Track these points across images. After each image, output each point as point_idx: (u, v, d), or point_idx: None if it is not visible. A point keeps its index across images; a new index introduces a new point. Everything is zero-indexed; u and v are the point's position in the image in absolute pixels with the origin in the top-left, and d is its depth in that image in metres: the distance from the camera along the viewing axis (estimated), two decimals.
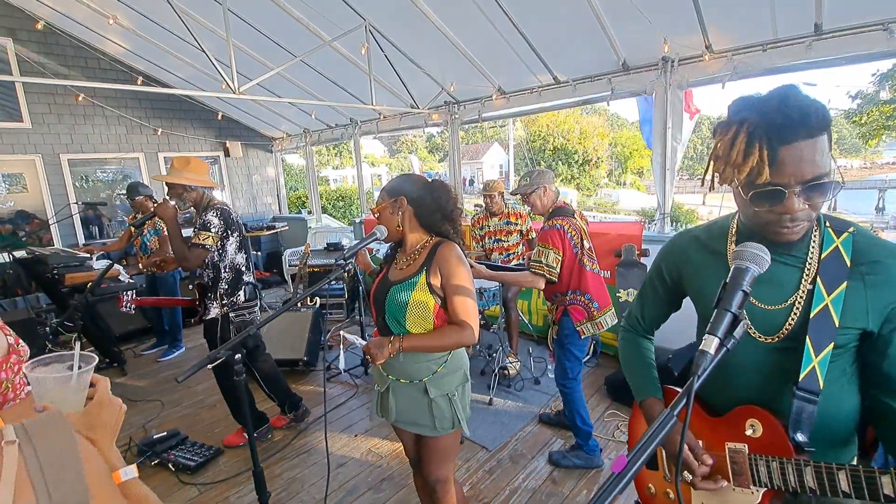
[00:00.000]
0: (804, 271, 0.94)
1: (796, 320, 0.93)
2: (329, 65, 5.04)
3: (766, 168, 0.83)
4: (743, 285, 0.75)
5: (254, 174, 8.22)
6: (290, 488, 2.60)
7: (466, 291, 1.59)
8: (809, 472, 0.84)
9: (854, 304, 0.89)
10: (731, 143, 0.87)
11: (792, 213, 0.85)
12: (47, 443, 0.58)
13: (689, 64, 3.46)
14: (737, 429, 0.97)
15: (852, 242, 0.92)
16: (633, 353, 1.29)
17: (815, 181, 0.82)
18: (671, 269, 1.17)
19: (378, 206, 1.65)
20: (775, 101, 0.83)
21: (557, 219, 2.47)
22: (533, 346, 4.20)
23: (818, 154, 0.82)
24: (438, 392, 1.63)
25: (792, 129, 0.81)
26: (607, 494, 0.60)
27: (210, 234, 2.61)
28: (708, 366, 0.68)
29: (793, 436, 0.89)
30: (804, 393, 0.90)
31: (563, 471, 2.62)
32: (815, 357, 0.90)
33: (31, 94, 5.83)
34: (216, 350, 1.22)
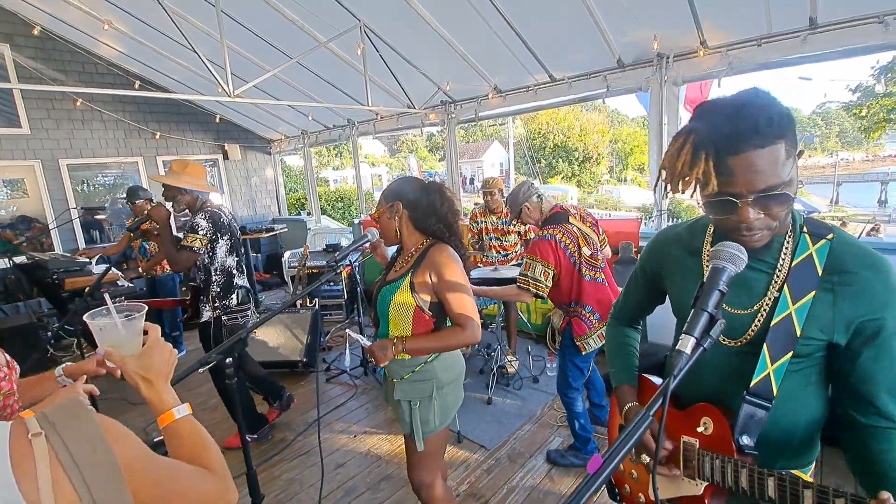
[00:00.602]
0: (773, 277, 0.93)
1: (759, 326, 0.93)
2: (325, 66, 5.04)
3: (714, 179, 0.82)
4: (719, 285, 0.75)
5: (252, 176, 8.24)
6: (288, 489, 2.61)
7: (462, 288, 1.59)
8: (745, 473, 0.86)
9: (820, 315, 0.88)
10: (678, 153, 0.86)
11: (747, 222, 0.83)
12: (73, 431, 0.57)
13: (684, 60, 3.45)
14: (692, 424, 1.00)
15: (829, 250, 0.90)
16: (615, 341, 1.33)
17: (768, 191, 0.80)
18: (651, 264, 1.18)
19: (377, 211, 1.67)
20: (728, 110, 0.81)
21: (548, 228, 2.38)
22: (532, 345, 4.20)
23: (771, 164, 0.79)
24: (402, 396, 1.66)
25: (741, 138, 0.79)
26: (584, 493, 0.60)
27: (197, 237, 2.61)
28: (684, 366, 0.68)
29: (737, 438, 0.90)
30: (754, 398, 0.91)
31: (561, 469, 2.63)
32: (771, 364, 0.90)
33: (29, 100, 5.86)
34: (207, 354, 1.23)
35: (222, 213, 2.79)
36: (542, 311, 4.42)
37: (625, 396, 1.19)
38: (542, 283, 2.32)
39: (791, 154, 0.82)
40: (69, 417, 0.58)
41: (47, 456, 0.54)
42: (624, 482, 1.25)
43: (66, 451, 0.55)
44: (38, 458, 0.53)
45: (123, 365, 0.86)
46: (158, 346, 0.90)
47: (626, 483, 1.24)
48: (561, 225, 2.38)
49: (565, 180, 26.63)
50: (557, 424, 3.06)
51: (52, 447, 0.55)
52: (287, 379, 3.95)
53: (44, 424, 0.56)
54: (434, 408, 1.65)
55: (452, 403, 1.72)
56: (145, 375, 0.86)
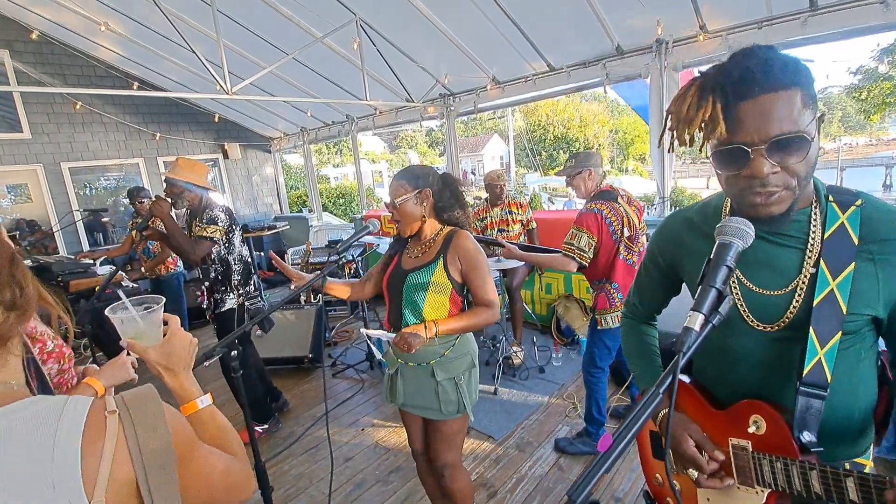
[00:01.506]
0: (806, 253, 0.85)
1: (798, 307, 0.85)
2: (322, 62, 5.02)
3: (722, 122, 0.76)
4: (727, 260, 0.72)
5: (253, 175, 8.25)
6: (298, 484, 2.63)
7: (487, 272, 1.67)
8: (815, 475, 0.76)
9: (864, 287, 0.81)
10: (684, 95, 0.81)
11: (760, 175, 0.76)
12: (143, 414, 0.61)
13: (684, 45, 3.42)
14: (740, 424, 0.90)
15: (860, 217, 0.83)
16: (633, 341, 1.24)
17: (780, 137, 0.74)
18: (665, 253, 1.10)
19: (401, 198, 1.63)
20: (738, 57, 0.77)
21: (597, 202, 2.39)
22: (537, 336, 4.21)
23: (787, 109, 0.73)
24: (445, 375, 1.67)
25: (751, 82, 0.74)
26: (594, 473, 0.60)
27: (218, 228, 2.75)
28: (693, 342, 0.67)
29: (798, 435, 0.81)
30: (809, 388, 0.82)
31: (570, 458, 2.63)
32: (821, 349, 0.82)
33: (29, 105, 5.88)
34: (212, 347, 1.23)
35: (230, 208, 2.95)
36: (547, 302, 4.41)
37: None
38: (586, 253, 2.35)
39: (809, 105, 0.75)
40: (142, 401, 0.62)
41: (116, 434, 0.57)
42: (665, 495, 1.16)
43: (134, 432, 0.58)
44: (108, 434, 0.57)
45: (146, 355, 0.88)
46: (178, 335, 0.92)
47: (668, 496, 1.15)
48: (609, 202, 2.40)
49: None
50: (565, 414, 3.06)
51: (123, 427, 0.58)
52: (293, 375, 3.97)
53: (119, 404, 0.60)
54: (473, 380, 1.74)
55: (476, 381, 1.80)
56: (167, 365, 0.89)
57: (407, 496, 2.45)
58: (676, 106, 0.82)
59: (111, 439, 0.57)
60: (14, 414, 0.56)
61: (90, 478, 0.54)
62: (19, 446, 0.53)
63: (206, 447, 0.75)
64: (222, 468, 0.75)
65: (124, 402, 0.61)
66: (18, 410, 0.56)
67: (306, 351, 3.97)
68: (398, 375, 1.77)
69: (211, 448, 0.76)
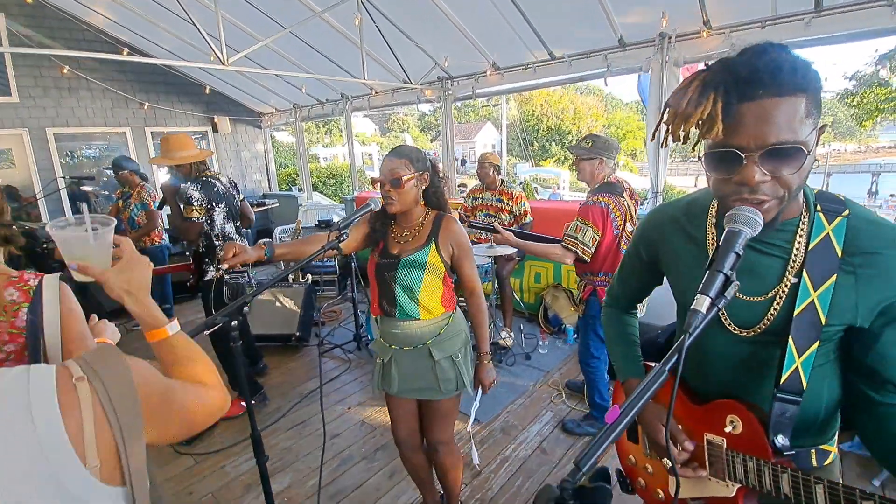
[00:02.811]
0: (788, 263, 0.86)
1: (777, 315, 0.87)
2: (319, 38, 4.93)
3: (720, 122, 0.74)
4: (735, 247, 0.72)
5: (242, 150, 8.11)
6: (285, 458, 2.65)
7: (472, 258, 1.74)
8: (786, 479, 0.80)
9: (843, 299, 0.82)
10: (685, 89, 0.78)
11: (750, 183, 0.75)
12: (110, 374, 0.59)
13: (687, 40, 3.43)
14: (717, 421, 0.93)
15: (846, 228, 0.83)
16: (614, 330, 1.25)
17: (776, 146, 0.72)
18: (648, 246, 1.10)
19: (406, 176, 1.59)
20: (747, 55, 0.74)
21: (604, 196, 2.36)
22: (524, 324, 4.26)
23: (788, 116, 0.71)
24: (442, 354, 1.70)
25: (756, 83, 0.71)
26: (601, 442, 0.62)
27: (193, 208, 2.78)
28: (700, 324, 0.68)
29: (773, 439, 0.85)
30: (786, 395, 0.85)
31: (553, 442, 2.69)
32: (798, 357, 0.84)
33: (18, 67, 5.69)
34: (213, 316, 1.22)
35: (216, 182, 2.92)
36: (535, 291, 4.46)
37: (634, 392, 1.13)
38: (589, 248, 2.33)
39: (812, 115, 0.73)
40: (106, 362, 0.61)
41: (90, 398, 0.56)
42: (638, 475, 1.19)
43: (107, 396, 0.57)
44: (82, 401, 0.56)
45: (104, 278, 0.81)
46: (136, 258, 0.85)
47: (640, 476, 1.19)
48: (615, 196, 2.39)
49: (558, 164, 26.58)
50: (550, 400, 3.12)
51: (95, 390, 0.57)
52: (281, 353, 3.97)
53: (86, 369, 0.58)
54: (469, 356, 1.80)
55: (471, 357, 1.85)
56: (128, 289, 0.82)
57: (392, 473, 2.49)
58: (675, 99, 0.79)
59: (87, 406, 0.56)
60: None
61: (78, 444, 0.54)
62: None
63: (178, 388, 0.73)
64: (197, 403, 0.75)
65: (90, 366, 0.59)
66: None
67: (294, 329, 3.97)
68: (392, 363, 1.76)
69: (184, 385, 0.75)
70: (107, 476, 0.57)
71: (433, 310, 1.70)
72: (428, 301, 1.68)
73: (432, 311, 1.70)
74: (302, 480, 2.47)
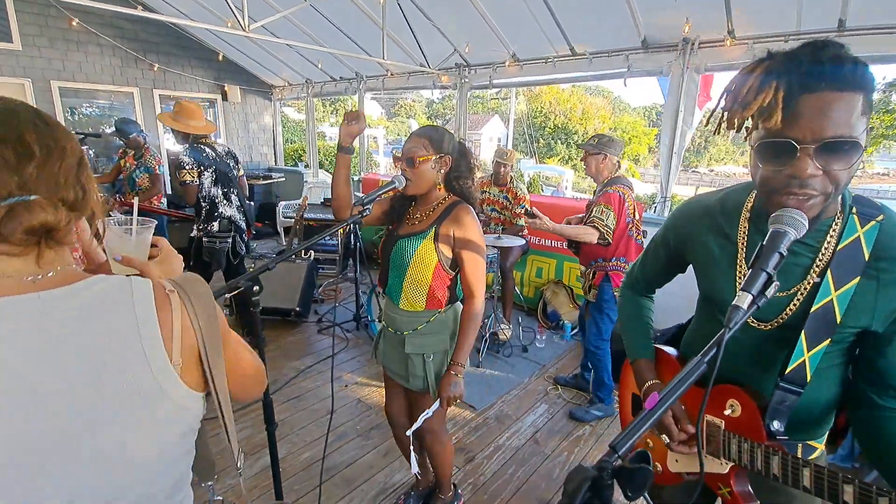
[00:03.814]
0: (815, 261, 0.87)
1: (795, 311, 0.88)
2: (341, 14, 4.87)
3: (780, 111, 0.74)
4: (780, 248, 0.74)
5: (251, 122, 8.02)
6: (280, 430, 2.64)
7: (480, 252, 1.60)
8: (777, 461, 0.84)
9: (861, 303, 0.84)
10: (746, 77, 0.78)
11: (801, 175, 0.75)
12: (195, 292, 0.68)
13: (710, 48, 3.43)
14: (718, 404, 0.97)
15: (878, 232, 0.83)
16: (630, 311, 1.28)
17: (833, 140, 0.72)
18: (677, 238, 1.11)
19: (421, 157, 1.54)
20: (810, 47, 0.75)
21: (619, 186, 2.56)
22: (522, 317, 4.29)
23: (847, 112, 0.71)
24: (413, 350, 1.65)
25: (820, 75, 0.71)
26: (640, 426, 0.64)
27: (185, 171, 3.02)
28: (741, 319, 0.70)
29: (768, 423, 0.88)
30: (788, 385, 0.88)
31: (546, 433, 2.73)
32: (808, 352, 0.86)
33: (21, 14, 5.54)
34: (234, 280, 1.23)
35: (206, 149, 3.15)
36: (536, 285, 4.48)
37: (643, 372, 1.15)
38: (611, 230, 2.53)
39: (866, 113, 0.74)
40: (193, 284, 0.70)
41: (180, 308, 0.66)
42: (637, 448, 1.25)
43: (193, 309, 0.67)
44: (174, 308, 0.65)
45: (147, 269, 0.86)
46: (172, 253, 0.94)
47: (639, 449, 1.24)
48: (628, 187, 2.59)
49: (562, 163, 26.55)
50: (545, 392, 3.16)
51: (184, 303, 0.66)
52: (279, 327, 3.98)
53: (174, 286, 0.67)
54: (447, 360, 1.67)
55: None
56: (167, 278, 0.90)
57: (386, 452, 2.52)
58: (736, 85, 0.80)
59: (177, 312, 0.65)
60: (88, 290, 0.61)
61: (167, 342, 0.64)
62: (105, 320, 0.60)
63: (234, 334, 0.80)
64: (249, 354, 0.84)
65: (178, 284, 0.68)
66: (90, 286, 0.62)
67: (294, 304, 3.97)
68: (383, 335, 1.80)
69: (237, 336, 0.82)
70: (187, 377, 0.66)
71: (413, 302, 1.63)
72: (410, 291, 1.62)
73: (412, 302, 1.63)
74: (296, 453, 2.50)
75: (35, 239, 0.58)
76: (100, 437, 0.59)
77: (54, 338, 0.56)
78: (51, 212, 0.58)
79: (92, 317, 0.59)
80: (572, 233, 2.62)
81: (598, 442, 2.66)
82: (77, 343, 0.57)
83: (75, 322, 0.58)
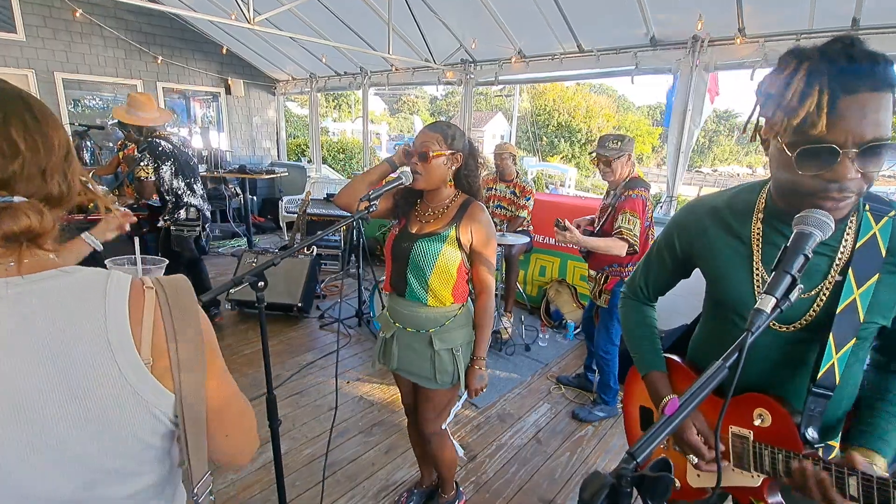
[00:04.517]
0: (834, 260, 0.86)
1: (819, 312, 0.87)
2: (345, 7, 4.83)
3: (824, 117, 0.71)
4: (805, 250, 0.71)
5: (254, 116, 7.99)
6: (281, 427, 2.64)
7: (492, 251, 1.64)
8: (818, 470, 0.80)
9: (882, 299, 0.83)
10: (788, 81, 0.74)
11: (842, 180, 0.73)
12: (175, 294, 0.65)
13: (720, 46, 3.40)
14: (743, 415, 0.93)
15: (892, 227, 0.84)
16: (635, 321, 1.23)
17: (875, 143, 0.71)
18: (683, 241, 1.07)
19: (435, 152, 1.53)
20: (839, 44, 0.72)
21: (640, 190, 2.48)
22: (525, 315, 4.27)
23: (883, 112, 0.70)
24: (443, 346, 1.64)
25: (858, 75, 0.69)
26: (659, 432, 0.61)
27: (141, 167, 3.06)
28: (763, 323, 0.68)
29: (804, 432, 0.85)
30: (820, 389, 0.85)
31: (548, 432, 2.71)
32: (836, 353, 0.84)
33: (25, 4, 5.52)
34: (239, 276, 1.21)
35: (161, 142, 3.17)
36: (539, 284, 4.46)
37: (658, 387, 1.11)
38: (638, 240, 2.44)
39: (893, 111, 0.73)
40: (176, 284, 0.66)
41: (154, 304, 0.62)
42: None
43: (167, 305, 0.63)
44: (146, 305, 0.62)
45: None
46: None
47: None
48: (647, 190, 2.53)
49: (565, 161, 26.47)
50: (548, 391, 3.14)
51: (158, 299, 0.63)
52: (281, 322, 3.97)
53: (156, 283, 0.65)
54: (470, 351, 1.71)
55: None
56: None
57: (388, 449, 2.50)
58: (777, 90, 0.76)
59: (149, 308, 0.62)
60: (64, 277, 0.59)
61: (136, 339, 0.60)
62: (75, 305, 0.58)
63: (224, 367, 0.73)
64: (240, 400, 0.75)
65: (160, 283, 0.65)
66: (66, 275, 0.60)
67: (296, 300, 3.96)
68: (394, 340, 1.74)
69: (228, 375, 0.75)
70: (158, 376, 0.62)
71: (442, 298, 1.62)
72: (438, 287, 1.61)
73: (441, 299, 1.62)
74: (298, 449, 2.48)
75: (16, 245, 0.55)
76: (71, 435, 0.56)
77: (21, 329, 0.54)
78: (35, 217, 0.54)
79: (59, 307, 0.57)
80: (603, 246, 2.47)
81: (600, 442, 2.65)
82: (42, 333, 0.55)
83: (45, 311, 0.55)
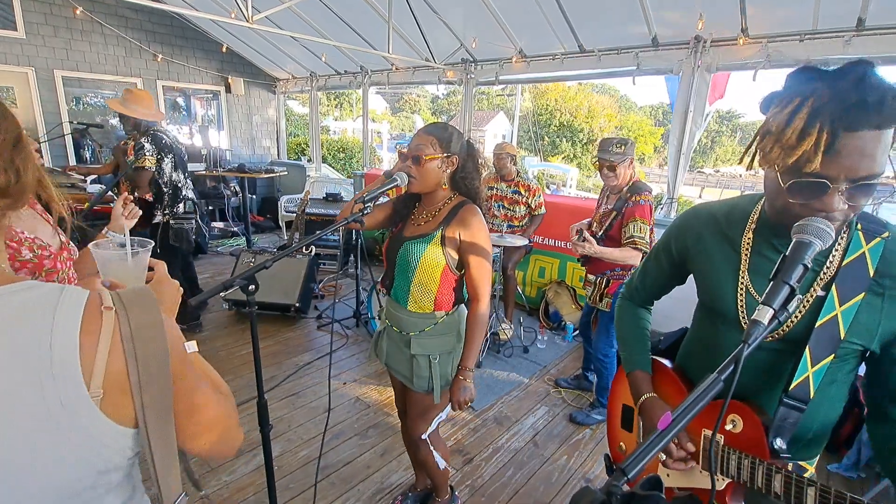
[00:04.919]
0: (818, 275, 0.87)
1: (796, 324, 0.88)
2: (345, 6, 4.81)
3: (820, 156, 0.72)
4: (804, 259, 0.70)
5: (254, 115, 7.97)
6: (276, 427, 2.63)
7: (486, 255, 1.56)
8: (779, 479, 0.81)
9: (865, 319, 0.84)
10: (790, 118, 0.75)
11: (829, 210, 0.75)
12: (139, 314, 0.59)
13: (722, 46, 3.36)
14: (716, 419, 0.95)
15: (882, 249, 0.84)
16: (628, 322, 1.25)
17: (865, 180, 0.72)
18: (680, 245, 1.09)
19: (428, 155, 1.51)
20: (851, 78, 0.71)
21: (647, 193, 2.47)
22: (524, 317, 4.25)
23: (879, 149, 0.71)
24: (420, 351, 1.62)
25: (863, 114, 0.69)
26: (651, 447, 0.59)
27: (146, 157, 3.11)
28: (760, 335, 0.66)
29: (772, 441, 0.86)
30: (793, 401, 0.86)
31: (545, 436, 2.69)
32: (811, 367, 0.85)
33: (26, 2, 5.50)
34: (230, 279, 1.19)
35: (164, 135, 3.26)
36: (538, 286, 4.43)
37: (639, 385, 1.14)
38: (649, 248, 2.41)
39: (892, 144, 0.74)
40: (141, 302, 0.60)
41: (112, 327, 0.56)
42: (620, 459, 1.23)
43: (129, 327, 0.57)
44: (104, 329, 0.56)
45: None
46: (167, 280, 0.89)
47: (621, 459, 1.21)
48: (650, 192, 2.50)
49: (567, 161, 26.41)
50: (547, 393, 3.12)
51: (119, 324, 0.57)
52: (278, 322, 3.95)
53: (116, 301, 0.58)
54: (452, 362, 1.65)
55: (455, 365, 1.69)
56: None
57: (384, 452, 2.48)
58: (778, 126, 0.77)
59: (106, 332, 0.56)
60: (9, 297, 0.54)
61: (87, 369, 0.54)
62: (12, 331, 0.52)
63: (202, 371, 0.70)
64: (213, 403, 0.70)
65: (121, 301, 0.59)
66: (13, 293, 0.54)
67: (294, 300, 3.93)
68: (384, 334, 1.75)
69: (205, 374, 0.72)
70: (111, 409, 0.56)
71: (422, 305, 1.59)
72: (418, 293, 1.58)
73: (421, 305, 1.59)
74: (293, 451, 2.46)
75: None
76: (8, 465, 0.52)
77: None
78: None
79: (5, 328, 0.52)
80: (619, 257, 2.46)
81: (597, 446, 2.62)
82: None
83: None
